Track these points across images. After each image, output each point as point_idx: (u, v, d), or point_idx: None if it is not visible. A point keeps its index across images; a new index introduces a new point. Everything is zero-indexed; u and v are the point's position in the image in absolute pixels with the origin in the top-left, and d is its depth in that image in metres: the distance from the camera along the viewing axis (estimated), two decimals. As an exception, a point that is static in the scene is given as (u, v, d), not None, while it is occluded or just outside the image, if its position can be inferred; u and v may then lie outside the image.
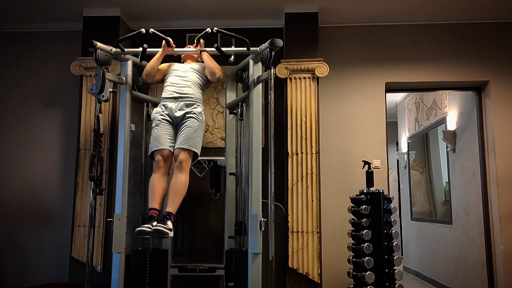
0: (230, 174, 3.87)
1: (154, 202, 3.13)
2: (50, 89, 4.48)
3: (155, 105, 3.89)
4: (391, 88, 4.47)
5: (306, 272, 3.75)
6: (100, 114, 3.31)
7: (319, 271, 3.76)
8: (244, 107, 3.80)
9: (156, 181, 3.18)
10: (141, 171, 3.85)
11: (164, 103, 3.33)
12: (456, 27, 4.37)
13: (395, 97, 7.12)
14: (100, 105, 3.31)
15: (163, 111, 3.30)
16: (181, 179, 3.13)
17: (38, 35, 4.56)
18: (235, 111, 3.92)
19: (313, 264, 3.75)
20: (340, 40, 4.43)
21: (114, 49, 3.43)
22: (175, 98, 3.30)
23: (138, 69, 3.75)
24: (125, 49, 3.47)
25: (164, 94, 3.37)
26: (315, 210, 3.82)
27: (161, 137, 3.23)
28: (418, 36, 4.39)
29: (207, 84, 3.55)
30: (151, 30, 3.38)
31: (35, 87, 4.49)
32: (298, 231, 3.80)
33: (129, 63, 3.57)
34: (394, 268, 3.49)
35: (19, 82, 4.51)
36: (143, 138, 3.90)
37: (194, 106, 3.30)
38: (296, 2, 4.05)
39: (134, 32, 3.42)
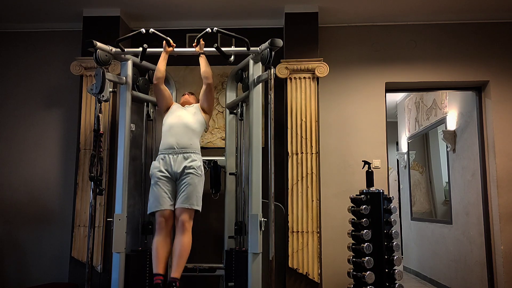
0: (230, 174, 3.87)
1: (158, 267, 3.08)
2: (50, 89, 4.48)
3: (155, 105, 3.90)
4: (391, 88, 4.48)
5: (306, 272, 3.75)
6: (100, 114, 3.31)
7: (319, 271, 3.76)
8: (244, 107, 3.80)
9: (160, 245, 3.13)
10: (141, 171, 3.85)
11: (162, 156, 3.26)
12: (456, 27, 4.37)
13: (395, 97, 7.12)
14: (100, 105, 3.32)
15: (161, 167, 3.22)
16: (184, 241, 3.09)
17: (38, 35, 4.56)
18: (235, 111, 3.92)
19: (313, 264, 3.75)
20: (340, 40, 4.43)
21: (114, 49, 3.43)
22: (173, 150, 3.24)
23: (138, 69, 3.75)
24: (125, 49, 3.48)
25: (162, 146, 3.30)
26: (315, 210, 3.82)
27: (161, 197, 3.17)
28: (418, 36, 4.39)
29: (205, 124, 3.48)
30: (151, 30, 3.38)
31: (35, 87, 4.49)
32: (298, 231, 3.80)
33: (129, 63, 3.57)
34: (394, 268, 3.49)
35: (19, 82, 4.51)
36: (143, 138, 3.90)
37: (193, 158, 3.23)
38: (296, 2, 4.05)
39: (134, 32, 3.42)
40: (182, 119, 3.34)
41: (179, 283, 3.03)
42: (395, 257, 3.50)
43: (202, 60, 3.44)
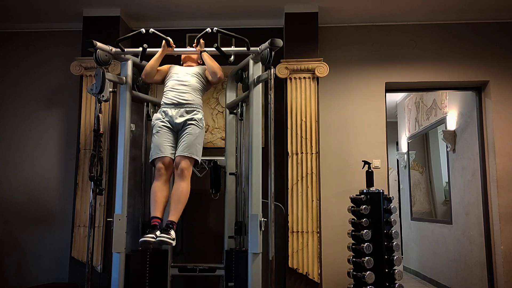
0: (230, 174, 3.87)
1: (156, 211, 3.14)
2: (50, 89, 4.48)
3: (155, 105, 3.89)
4: (391, 88, 4.48)
5: (306, 272, 3.75)
6: (100, 114, 3.31)
7: (319, 271, 3.76)
8: (244, 107, 3.80)
9: (158, 189, 3.19)
10: (141, 171, 3.85)
11: (164, 109, 3.32)
12: (456, 27, 4.37)
13: (395, 97, 7.12)
14: (100, 105, 3.31)
15: (163, 118, 3.29)
16: (183, 187, 3.14)
17: (38, 35, 4.56)
18: (235, 111, 3.92)
19: (313, 264, 3.75)
20: (340, 40, 4.43)
21: (114, 49, 3.43)
22: (175, 105, 3.29)
23: (138, 69, 3.75)
24: (125, 49, 3.47)
25: (164, 100, 3.37)
26: (315, 210, 3.82)
27: (162, 144, 3.23)
28: (418, 36, 4.39)
29: (207, 87, 3.55)
30: (151, 30, 3.38)
31: (35, 87, 4.49)
32: (298, 231, 3.80)
33: (129, 63, 3.57)
34: (394, 268, 3.49)
35: (19, 82, 4.51)
36: (143, 138, 3.90)
37: (195, 112, 3.30)
38: (296, 2, 4.05)
39: (134, 32, 3.42)
40: (185, 77, 3.38)
41: (176, 226, 3.08)
42: (395, 257, 3.50)
43: (206, 57, 3.43)
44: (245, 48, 3.38)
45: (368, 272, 3.37)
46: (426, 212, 6.32)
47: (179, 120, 3.25)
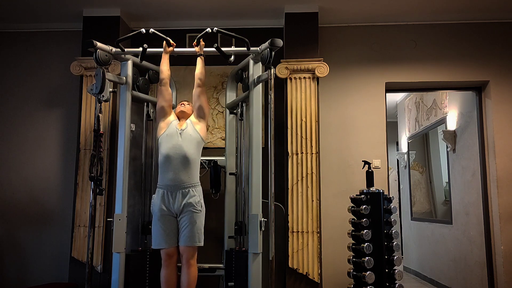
0: (230, 174, 3.87)
1: None
2: (50, 89, 4.48)
3: (155, 105, 3.89)
4: (391, 88, 4.47)
5: (306, 272, 3.75)
6: (100, 114, 3.31)
7: (319, 271, 3.76)
8: (244, 107, 3.80)
9: (168, 279, 3.24)
10: (141, 171, 3.85)
11: (161, 191, 3.25)
12: (456, 27, 4.38)
13: (395, 97, 7.12)
14: (100, 105, 3.32)
15: (161, 204, 3.22)
16: (191, 276, 3.20)
17: (38, 35, 4.56)
18: (235, 111, 3.92)
19: (313, 264, 3.75)
20: (340, 40, 4.43)
21: (114, 49, 3.43)
22: (171, 187, 3.22)
23: (138, 69, 3.75)
24: (125, 49, 3.48)
25: (160, 180, 3.27)
26: (315, 210, 3.82)
27: (165, 235, 3.23)
28: (418, 36, 4.39)
29: (203, 139, 3.38)
30: (151, 30, 3.38)
31: (35, 87, 4.49)
32: (298, 231, 3.80)
33: (129, 63, 3.57)
34: (394, 268, 3.49)
35: (19, 82, 4.51)
36: (143, 138, 3.90)
37: (191, 194, 3.23)
38: (296, 2, 4.05)
39: (134, 32, 3.42)
40: (180, 150, 3.24)
41: None
42: (395, 257, 3.50)
43: (200, 62, 3.42)
44: (245, 48, 3.38)
45: (368, 272, 3.37)
46: (426, 212, 6.32)
47: (177, 206, 3.21)
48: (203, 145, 3.42)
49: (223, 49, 3.41)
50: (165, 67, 3.43)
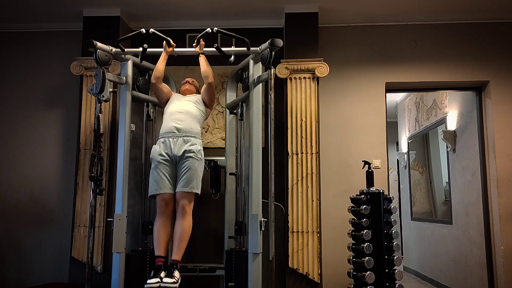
0: (230, 174, 3.87)
1: (160, 250, 3.16)
2: (50, 89, 4.48)
3: (155, 105, 3.90)
4: (391, 88, 4.47)
5: (306, 272, 3.75)
6: (100, 114, 3.31)
7: (319, 271, 3.76)
8: (244, 107, 3.80)
9: (161, 228, 3.19)
10: (141, 171, 3.85)
11: (162, 139, 3.28)
12: (456, 27, 4.38)
13: (395, 97, 7.12)
14: (100, 105, 3.31)
15: (161, 150, 3.24)
16: (184, 225, 3.14)
17: (38, 35, 4.56)
18: (235, 111, 3.91)
19: (313, 264, 3.75)
20: (340, 40, 4.43)
21: (114, 49, 3.43)
22: (173, 134, 3.26)
23: (138, 69, 3.75)
24: (125, 49, 3.47)
25: (162, 130, 3.33)
26: (315, 210, 3.82)
27: (161, 180, 3.20)
28: (418, 36, 4.39)
29: (206, 113, 3.51)
30: (151, 30, 3.38)
31: (35, 87, 4.49)
32: (298, 231, 3.80)
33: (129, 63, 3.57)
34: (394, 268, 3.49)
35: (19, 82, 4.51)
36: (143, 138, 3.89)
37: (192, 142, 3.25)
38: (296, 2, 4.05)
39: (134, 32, 3.42)
40: (183, 106, 3.38)
41: (179, 265, 3.11)
42: (395, 257, 3.50)
43: (202, 60, 3.46)
44: (245, 48, 3.38)
45: (368, 272, 3.37)
46: (426, 212, 6.32)
47: (178, 151, 3.21)
48: (204, 118, 3.51)
49: (223, 49, 3.41)
50: (161, 66, 3.45)
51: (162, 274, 3.01)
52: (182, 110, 3.36)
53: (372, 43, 4.41)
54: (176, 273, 3.04)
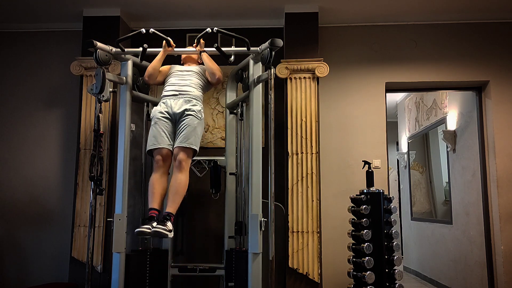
0: (230, 174, 3.87)
1: (154, 202, 3.14)
2: (50, 89, 4.48)
3: (155, 105, 3.89)
4: (391, 88, 4.48)
5: (306, 272, 3.75)
6: (100, 114, 3.31)
7: (319, 271, 3.76)
8: (244, 107, 3.80)
9: (156, 181, 3.18)
10: (141, 171, 3.85)
11: (164, 100, 3.33)
12: (456, 27, 4.38)
13: (395, 97, 7.12)
14: (100, 105, 3.31)
15: (162, 109, 3.29)
16: (181, 179, 3.13)
17: (38, 35, 4.56)
18: (235, 111, 3.92)
19: (313, 264, 3.75)
20: (340, 40, 4.43)
21: (114, 49, 3.43)
22: (175, 95, 3.31)
23: (138, 69, 3.75)
24: (125, 49, 3.47)
25: (164, 93, 3.39)
26: (315, 210, 3.82)
27: (160, 135, 3.22)
28: (418, 36, 4.39)
29: (207, 86, 3.55)
30: (151, 30, 3.38)
31: (35, 87, 4.49)
32: (298, 231, 3.80)
33: (129, 63, 3.57)
34: (394, 268, 3.49)
35: (19, 82, 4.51)
36: (143, 138, 3.89)
37: (193, 103, 3.29)
38: (296, 2, 4.05)
39: (134, 32, 3.42)
40: (184, 74, 3.40)
41: (173, 218, 3.06)
42: (395, 257, 3.50)
43: (205, 57, 3.44)
44: (245, 48, 3.37)
45: (368, 272, 3.37)
46: (426, 212, 6.32)
47: (178, 109, 3.24)
48: (207, 90, 3.53)
49: (223, 49, 3.41)
50: (155, 62, 3.44)
51: (154, 224, 2.97)
52: (184, 77, 3.38)
53: (372, 43, 4.41)
54: (169, 224, 2.99)
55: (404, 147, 7.19)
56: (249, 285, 3.19)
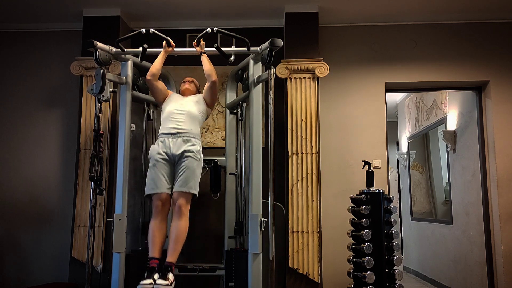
0: (230, 174, 3.87)
1: (154, 251, 3.07)
2: (50, 89, 4.48)
3: (155, 105, 3.89)
4: (391, 88, 4.48)
5: (306, 272, 3.75)
6: (100, 114, 3.31)
7: (319, 271, 3.76)
8: (244, 107, 3.80)
9: (156, 228, 3.11)
10: (141, 171, 3.85)
11: (162, 139, 3.25)
12: (456, 27, 4.38)
13: (395, 97, 7.12)
14: (100, 105, 3.31)
15: (160, 149, 3.20)
16: (181, 225, 3.07)
17: (38, 35, 4.56)
18: (235, 111, 3.92)
19: (313, 264, 3.75)
20: (340, 40, 4.43)
21: (114, 49, 3.43)
22: (172, 134, 3.23)
23: (138, 69, 3.75)
24: (125, 49, 3.47)
25: (161, 130, 3.30)
26: (315, 210, 3.82)
27: (159, 179, 3.14)
28: (418, 36, 4.39)
29: (206, 112, 3.47)
30: (151, 30, 3.38)
31: (35, 87, 4.49)
32: (298, 231, 3.80)
33: (129, 63, 3.57)
34: (394, 268, 3.49)
35: (19, 82, 4.51)
36: (143, 138, 3.90)
37: (192, 142, 3.22)
38: (296, 2, 4.05)
39: (134, 32, 3.42)
40: (183, 107, 3.34)
41: (174, 267, 3.03)
42: (395, 257, 3.50)
43: (204, 59, 3.42)
44: (245, 48, 3.38)
45: (368, 272, 3.37)
46: (426, 212, 6.32)
47: (177, 151, 3.17)
48: (204, 119, 3.47)
49: (223, 49, 3.41)
50: (158, 63, 3.42)
51: (156, 276, 2.92)
52: (182, 110, 3.33)
53: (372, 43, 4.41)
54: (170, 276, 2.94)
55: (404, 147, 7.19)
56: (249, 285, 3.19)
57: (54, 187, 4.32)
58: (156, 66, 3.43)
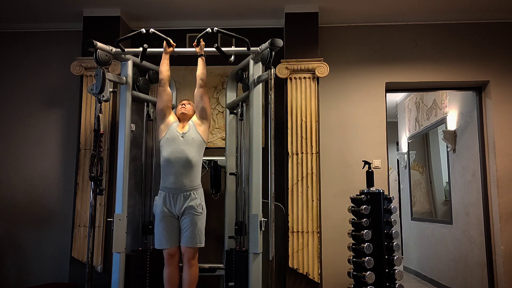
0: (230, 174, 3.87)
1: None
2: (50, 89, 4.48)
3: (155, 105, 3.89)
4: (391, 88, 4.48)
5: (306, 272, 3.76)
6: (100, 114, 3.31)
7: (319, 271, 3.76)
8: (244, 107, 3.80)
9: (170, 278, 3.29)
10: (141, 171, 3.85)
11: (163, 193, 3.28)
12: (456, 27, 4.38)
13: (395, 97, 7.12)
14: (100, 105, 3.32)
15: (163, 206, 3.26)
16: (192, 274, 3.25)
17: (38, 35, 4.56)
18: (235, 111, 3.92)
19: (313, 264, 3.75)
20: (340, 40, 4.43)
21: (114, 49, 3.43)
22: (173, 190, 3.25)
23: (138, 69, 3.75)
24: (125, 49, 3.47)
25: (162, 182, 3.29)
26: (315, 210, 3.82)
27: (167, 235, 3.27)
28: (418, 36, 4.39)
29: (205, 141, 3.40)
30: (151, 30, 3.38)
31: (35, 87, 4.49)
32: (298, 231, 3.80)
33: (129, 63, 3.57)
34: (394, 268, 3.49)
35: (19, 82, 4.51)
36: (143, 138, 3.90)
37: (192, 197, 3.25)
38: (296, 2, 4.05)
39: (134, 32, 3.42)
40: (182, 154, 3.25)
41: None
42: (395, 257, 3.50)
43: (201, 62, 3.42)
44: (245, 48, 3.38)
45: (368, 272, 3.37)
46: (426, 212, 6.32)
47: (179, 209, 3.25)
48: (205, 146, 3.43)
49: (223, 49, 3.41)
50: (164, 68, 3.42)
51: None
52: (181, 160, 3.24)
53: (372, 43, 4.41)
54: None
55: (404, 147, 7.18)
56: (249, 285, 3.20)
57: (54, 187, 4.32)
58: (164, 72, 3.40)
